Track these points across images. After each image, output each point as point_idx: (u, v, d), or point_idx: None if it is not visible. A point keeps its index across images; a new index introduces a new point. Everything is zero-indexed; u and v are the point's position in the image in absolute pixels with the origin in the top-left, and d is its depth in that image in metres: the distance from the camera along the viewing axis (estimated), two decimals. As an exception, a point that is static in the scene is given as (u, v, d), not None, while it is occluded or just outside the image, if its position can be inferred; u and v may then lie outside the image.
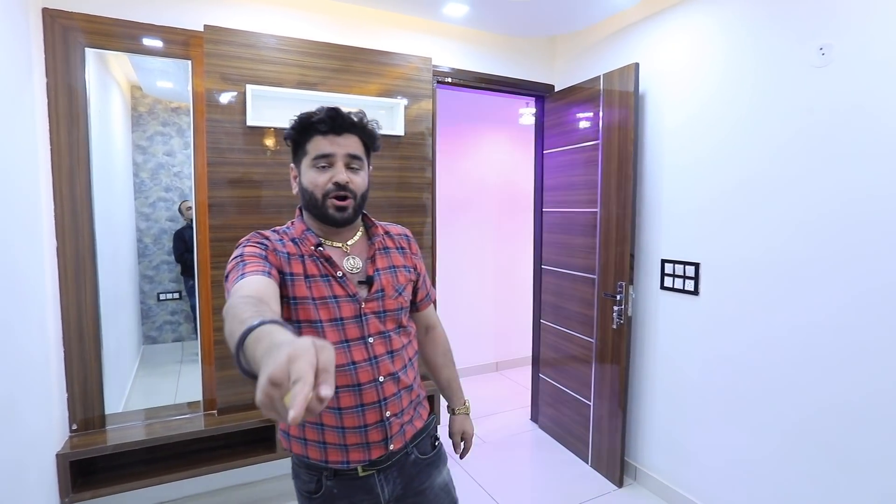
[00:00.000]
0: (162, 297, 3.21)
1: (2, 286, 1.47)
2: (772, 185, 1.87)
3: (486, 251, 4.09)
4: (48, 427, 1.84)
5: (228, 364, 2.20)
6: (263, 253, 1.00)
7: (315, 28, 2.35)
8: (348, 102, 2.35)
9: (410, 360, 1.15)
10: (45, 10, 1.86)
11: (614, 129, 2.42)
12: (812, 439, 1.78)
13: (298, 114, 1.06)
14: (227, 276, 0.97)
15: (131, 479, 2.03)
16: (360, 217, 1.13)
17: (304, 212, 1.11)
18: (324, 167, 1.03)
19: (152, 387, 2.97)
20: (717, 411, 2.12)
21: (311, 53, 2.25)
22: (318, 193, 1.03)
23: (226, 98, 2.10)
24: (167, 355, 3.22)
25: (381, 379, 1.06)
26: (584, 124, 2.64)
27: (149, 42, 2.04)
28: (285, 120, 2.22)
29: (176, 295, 3.23)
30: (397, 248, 1.17)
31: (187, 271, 3.06)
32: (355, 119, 1.06)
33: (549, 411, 3.04)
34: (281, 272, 1.01)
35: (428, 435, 1.21)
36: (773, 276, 1.89)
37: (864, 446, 1.64)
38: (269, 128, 2.19)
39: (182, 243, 3.03)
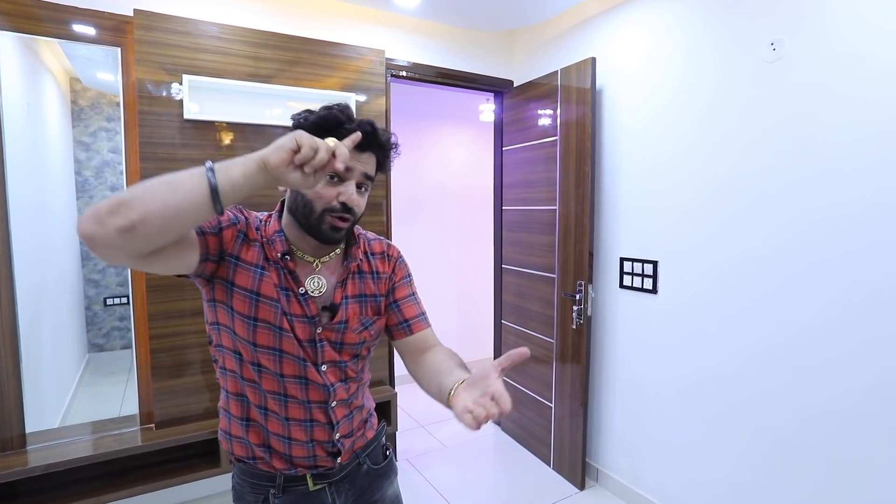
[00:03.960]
0: (109, 301, 3.01)
1: None
2: (732, 184, 1.86)
3: (448, 251, 4.01)
4: (-45, 450, 1.66)
5: (167, 374, 2.05)
6: (220, 226, 0.89)
7: (260, 17, 2.22)
8: (296, 96, 2.23)
9: (364, 382, 1.08)
10: (-54, -12, 1.68)
11: (572, 125, 2.38)
12: (768, 437, 1.77)
13: (322, 107, 0.92)
14: None
15: (55, 502, 1.86)
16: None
17: (285, 213, 0.97)
18: (333, 179, 0.90)
19: (97, 397, 2.79)
20: (675, 411, 2.10)
21: (256, 43, 2.12)
22: (319, 206, 0.89)
23: (160, 89, 1.95)
24: (115, 363, 3.03)
25: (333, 404, 0.99)
26: (542, 121, 2.59)
27: (71, 26, 1.88)
28: (229, 114, 2.13)
29: (124, 299, 3.04)
30: (371, 273, 1.03)
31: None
32: (384, 139, 0.94)
33: (511, 414, 2.98)
34: (223, 253, 0.90)
35: (379, 444, 1.14)
36: (732, 275, 1.87)
37: (817, 444, 1.64)
38: (210, 122, 2.05)
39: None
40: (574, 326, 2.40)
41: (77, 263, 2.86)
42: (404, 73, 2.59)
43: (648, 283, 2.18)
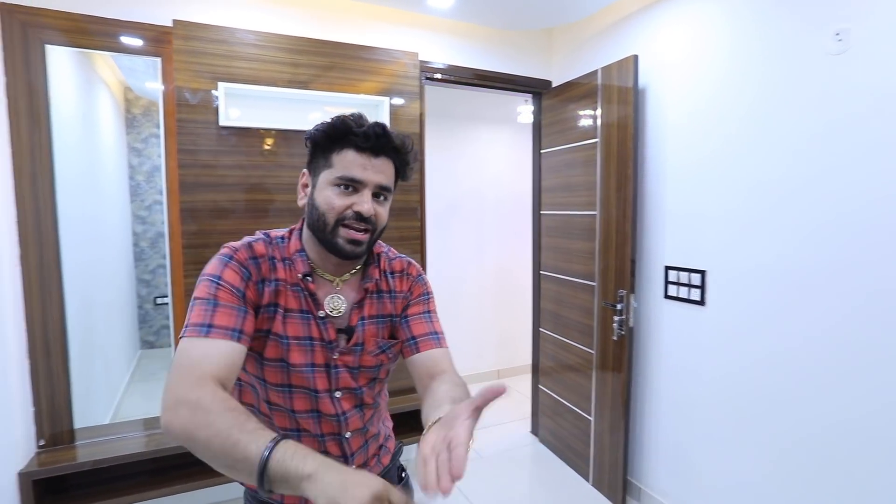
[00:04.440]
0: (159, 301, 3.14)
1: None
2: (785, 186, 1.70)
3: (486, 254, 3.94)
4: (9, 444, 1.75)
5: (203, 377, 2.09)
6: (242, 290, 0.84)
7: (295, 23, 2.23)
8: (331, 101, 2.23)
9: (380, 408, 1.03)
10: (2, 6, 1.77)
11: (613, 126, 2.26)
12: (833, 469, 1.61)
13: (332, 116, 0.88)
14: (192, 304, 0.81)
15: (103, 497, 1.94)
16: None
17: (305, 229, 0.93)
18: (348, 189, 0.86)
19: (147, 394, 2.91)
20: (727, 430, 1.95)
21: (291, 49, 2.13)
22: (332, 217, 0.85)
23: (196, 97, 1.99)
24: (166, 360, 3.16)
25: (348, 435, 0.94)
26: (582, 122, 2.48)
27: (115, 39, 1.94)
28: (262, 120, 2.15)
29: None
30: (388, 293, 0.98)
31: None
32: (398, 143, 0.88)
33: (549, 424, 2.89)
34: (258, 306, 0.87)
35: (395, 468, 1.09)
36: (786, 284, 1.71)
37: (889, 468, 1.47)
38: (246, 128, 2.08)
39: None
40: (615, 337, 2.28)
41: (130, 263, 2.99)
42: (439, 76, 2.54)
43: (696, 294, 2.04)
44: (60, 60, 1.97)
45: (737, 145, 1.86)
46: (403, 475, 1.12)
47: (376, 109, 2.32)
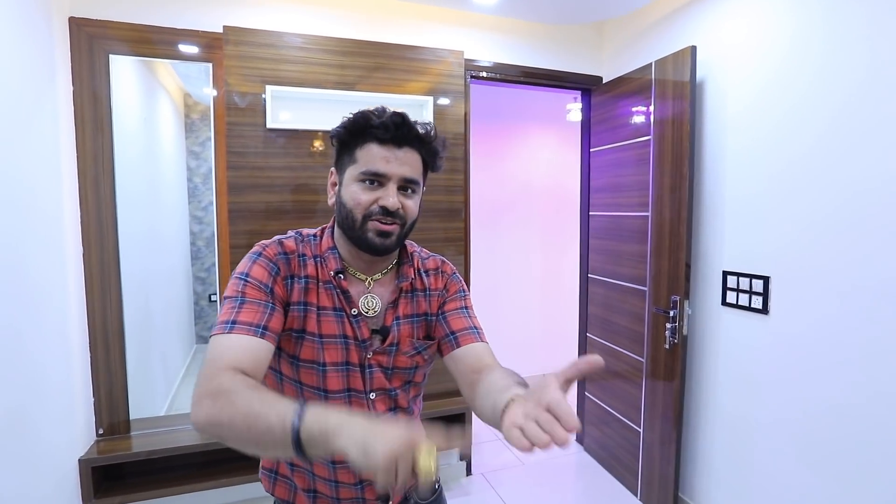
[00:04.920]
0: (213, 297, 3.27)
1: (11, 296, 1.46)
2: (865, 189, 1.54)
3: (532, 257, 3.85)
4: (70, 433, 1.85)
5: (249, 374, 2.14)
6: (269, 285, 0.84)
7: (340, 25, 2.25)
8: (376, 101, 2.22)
9: (415, 415, 1.00)
10: (71, 20, 1.88)
11: (668, 122, 2.14)
12: (913, 499, 1.44)
13: (352, 112, 0.88)
14: (222, 303, 0.83)
15: (157, 486, 2.02)
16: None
17: (336, 227, 0.93)
18: (373, 185, 0.84)
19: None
20: (789, 452, 1.80)
21: (336, 51, 2.15)
22: (359, 213, 0.84)
23: (245, 100, 2.04)
24: (218, 355, 3.29)
25: None
26: (634, 119, 2.37)
27: (171, 46, 2.02)
28: (308, 121, 2.18)
29: (226, 296, 3.28)
30: (423, 291, 0.96)
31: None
32: (421, 131, 0.86)
33: (595, 433, 2.78)
34: (288, 303, 0.86)
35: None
36: (862, 296, 1.55)
37: None
38: (293, 130, 2.11)
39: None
40: (667, 346, 2.16)
41: (188, 262, 3.13)
42: (484, 74, 2.50)
43: (758, 302, 1.89)
44: (124, 69, 2.07)
45: (813, 143, 1.70)
46: (437, 486, 1.07)
47: (421, 109, 2.31)
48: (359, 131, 0.85)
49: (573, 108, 3.44)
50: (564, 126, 3.77)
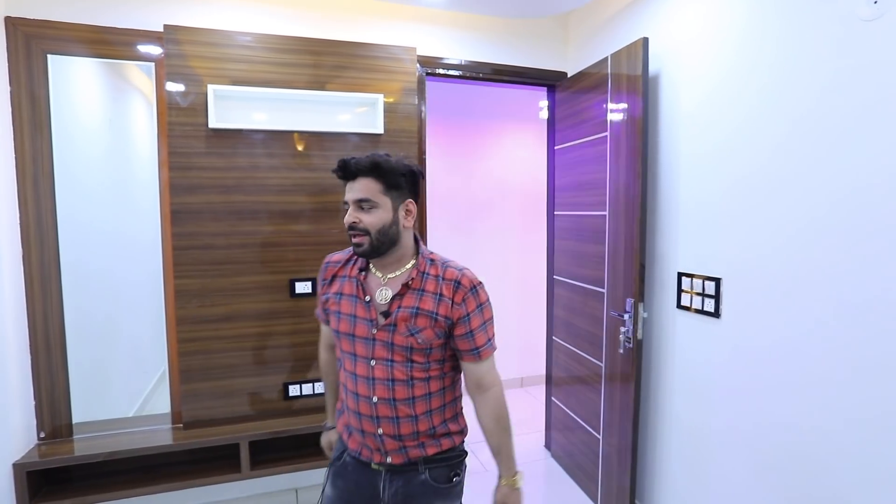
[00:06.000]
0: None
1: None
2: (817, 182, 1.46)
3: (507, 258, 3.78)
4: (5, 437, 1.83)
5: (194, 378, 2.11)
6: (320, 288, 1.32)
7: (287, 23, 2.21)
8: (323, 100, 2.18)
9: (427, 396, 1.19)
10: (7, 19, 1.86)
11: (623, 118, 2.06)
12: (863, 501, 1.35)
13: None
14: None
15: (96, 490, 1.99)
16: (396, 251, 1.19)
17: None
18: (346, 208, 1.16)
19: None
20: (743, 463, 1.71)
21: (279, 49, 2.11)
22: (347, 230, 1.17)
23: (187, 100, 2.01)
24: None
25: (375, 399, 1.17)
26: (593, 115, 2.29)
27: (111, 46, 2.00)
28: (253, 121, 2.14)
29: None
30: (434, 294, 1.17)
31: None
32: (364, 165, 1.13)
33: (560, 439, 2.70)
34: (327, 296, 1.27)
35: (445, 466, 1.23)
36: (821, 298, 1.46)
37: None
38: (236, 130, 2.07)
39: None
40: (621, 350, 2.08)
41: (160, 265, 3.10)
42: (441, 71, 2.44)
43: (710, 305, 1.81)
44: (84, 71, 2.04)
45: (753, 133, 1.62)
46: (454, 479, 1.24)
47: (373, 108, 2.26)
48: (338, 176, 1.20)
49: (544, 106, 3.36)
50: (540, 124, 3.68)
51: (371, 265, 1.23)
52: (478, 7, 2.37)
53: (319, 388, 2.26)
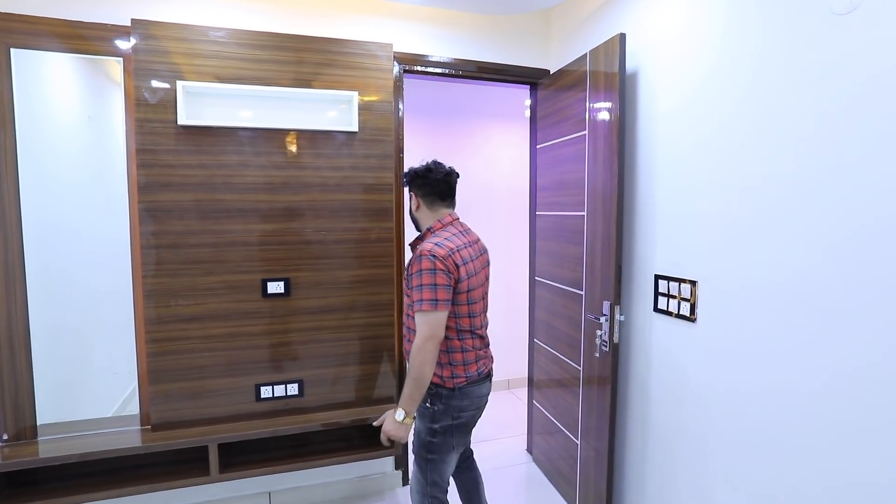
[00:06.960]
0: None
1: None
2: (788, 180, 1.41)
3: (493, 259, 3.70)
4: (-35, 438, 1.80)
5: (163, 378, 2.07)
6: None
7: (260, 18, 2.17)
8: (296, 97, 2.14)
9: (409, 329, 1.69)
10: (-32, 12, 1.82)
11: (601, 116, 2.02)
12: (826, 528, 1.30)
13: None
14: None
15: (62, 493, 1.95)
16: (421, 231, 1.78)
17: None
18: None
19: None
20: (715, 472, 1.66)
21: (251, 45, 2.07)
22: None
23: (156, 96, 1.97)
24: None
25: (404, 318, 1.76)
26: (572, 113, 2.25)
27: (77, 41, 1.96)
28: (224, 118, 2.10)
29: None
30: (414, 260, 1.60)
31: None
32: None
33: (541, 443, 2.66)
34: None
35: (427, 394, 1.65)
36: (793, 304, 1.42)
37: (895, 550, 1.16)
38: (207, 127, 2.03)
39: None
40: (597, 354, 2.03)
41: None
42: (419, 68, 2.40)
43: (686, 308, 1.76)
44: (62, 67, 1.99)
45: (731, 134, 1.57)
46: (427, 403, 1.67)
47: (348, 105, 2.22)
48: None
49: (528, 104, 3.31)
50: (527, 123, 3.64)
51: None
52: (456, 2, 2.32)
53: (292, 389, 2.22)
